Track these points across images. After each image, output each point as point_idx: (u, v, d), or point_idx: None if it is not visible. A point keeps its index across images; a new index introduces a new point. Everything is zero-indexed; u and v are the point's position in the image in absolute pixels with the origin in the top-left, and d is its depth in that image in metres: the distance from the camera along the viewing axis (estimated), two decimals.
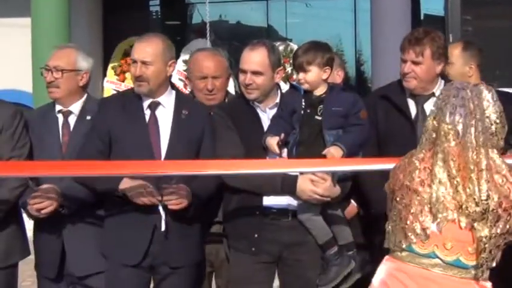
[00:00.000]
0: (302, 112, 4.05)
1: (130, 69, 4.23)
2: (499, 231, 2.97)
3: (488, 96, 3.07)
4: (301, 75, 4.08)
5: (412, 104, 4.18)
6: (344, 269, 4.10)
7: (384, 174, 3.38)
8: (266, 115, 4.18)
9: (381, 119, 4.20)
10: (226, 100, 4.70)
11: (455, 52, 4.79)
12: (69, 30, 10.80)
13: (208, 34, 10.29)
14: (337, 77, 4.92)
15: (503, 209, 2.96)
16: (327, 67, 4.10)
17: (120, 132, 4.12)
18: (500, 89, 5.09)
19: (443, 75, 4.25)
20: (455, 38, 9.06)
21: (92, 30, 12.68)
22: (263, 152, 4.06)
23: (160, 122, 4.14)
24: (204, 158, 4.08)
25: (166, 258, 4.09)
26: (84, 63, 4.39)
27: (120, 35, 12.87)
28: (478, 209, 2.95)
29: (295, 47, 11.40)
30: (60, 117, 4.33)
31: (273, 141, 3.97)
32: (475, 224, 2.96)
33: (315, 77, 4.08)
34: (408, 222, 3.06)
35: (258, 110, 4.20)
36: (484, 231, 2.96)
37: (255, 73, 4.13)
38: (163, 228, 4.02)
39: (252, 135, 4.11)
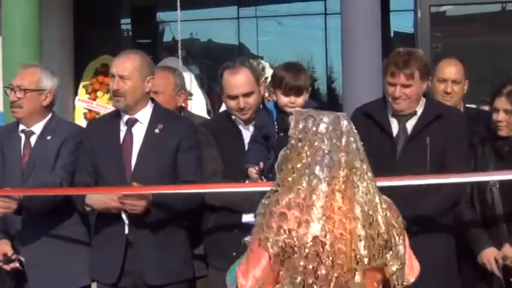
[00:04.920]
0: (276, 136, 4.05)
1: (109, 84, 4.21)
2: None
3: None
4: (294, 99, 4.08)
5: (394, 122, 4.17)
6: None
7: None
8: (247, 132, 4.19)
9: (363, 136, 4.19)
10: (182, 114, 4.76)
11: (459, 69, 4.82)
12: (40, 49, 10.74)
13: (180, 52, 10.27)
14: None
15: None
16: (310, 89, 4.15)
17: (98, 152, 4.15)
18: (467, 105, 5.14)
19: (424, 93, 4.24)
20: (425, 54, 9.12)
21: (63, 48, 12.62)
22: (242, 166, 4.04)
23: (135, 138, 4.13)
24: (181, 169, 4.08)
25: (143, 275, 4.04)
26: (48, 82, 4.35)
27: (91, 53, 12.81)
28: None
29: (266, 64, 11.45)
30: (23, 136, 4.31)
31: (252, 172, 3.97)
32: None
33: (304, 101, 4.11)
34: None
35: (240, 127, 4.22)
36: None
37: (247, 95, 4.14)
38: (127, 232, 4.00)
39: (233, 151, 4.14)
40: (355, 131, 2.90)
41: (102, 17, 13.15)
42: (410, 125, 4.14)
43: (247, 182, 4.06)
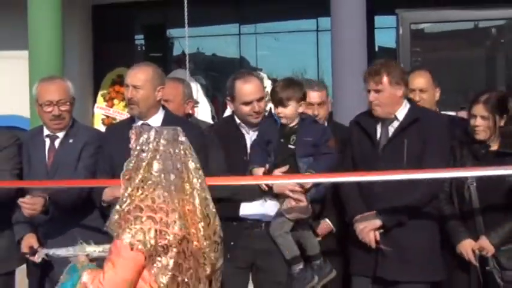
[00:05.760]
0: (277, 142, 4.05)
1: (124, 93, 4.19)
2: None
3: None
4: (281, 109, 4.07)
5: (379, 128, 4.18)
6: (306, 285, 4.06)
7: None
8: (249, 136, 4.19)
9: (355, 142, 4.23)
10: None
11: (427, 79, 4.80)
12: (62, 62, 10.72)
13: (187, 65, 10.25)
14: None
15: None
16: (302, 101, 4.10)
17: (115, 154, 4.09)
18: (443, 112, 5.13)
19: (410, 99, 4.23)
20: (406, 67, 9.11)
21: (83, 61, 12.64)
22: (244, 166, 4.07)
23: None
24: None
25: None
26: (73, 90, 4.38)
27: (108, 66, 12.82)
28: None
29: (264, 76, 11.43)
30: (48, 140, 4.28)
31: (259, 172, 3.98)
32: None
33: (292, 111, 4.09)
34: None
35: (243, 131, 4.21)
36: None
37: (259, 100, 4.17)
38: None
39: (236, 153, 4.14)
40: (188, 142, 2.94)
41: (118, 34, 13.14)
42: (392, 128, 4.15)
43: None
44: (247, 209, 4.11)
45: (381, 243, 3.99)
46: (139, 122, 4.12)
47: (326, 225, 4.50)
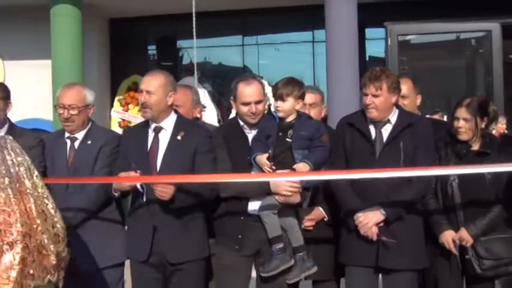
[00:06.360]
0: (275, 135, 4.05)
1: (139, 98, 4.19)
2: None
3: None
4: (279, 103, 4.08)
5: (372, 129, 4.15)
6: (283, 264, 4.04)
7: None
8: (251, 135, 4.17)
9: (348, 141, 4.18)
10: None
11: (409, 86, 4.75)
12: (82, 70, 10.75)
13: (195, 73, 10.26)
14: (322, 111, 4.92)
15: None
16: (300, 99, 4.11)
17: (131, 154, 4.13)
18: (427, 116, 5.14)
19: (397, 104, 4.23)
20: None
21: (101, 70, 12.66)
22: (248, 165, 4.05)
23: (160, 143, 4.11)
24: (198, 169, 4.04)
25: (166, 255, 4.02)
26: (91, 98, 4.34)
27: (124, 73, 12.87)
28: None
29: (265, 82, 11.43)
30: (68, 142, 4.30)
31: (263, 157, 3.97)
32: None
33: (290, 107, 4.08)
34: None
35: (246, 131, 4.19)
36: None
37: (257, 102, 4.15)
38: (145, 200, 4.01)
39: (240, 152, 4.11)
40: (18, 146, 2.91)
41: (133, 44, 13.17)
42: (385, 130, 4.12)
43: (253, 171, 4.05)
44: (254, 204, 4.11)
45: (381, 236, 3.97)
46: (153, 125, 4.15)
47: (319, 212, 4.48)
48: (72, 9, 10.63)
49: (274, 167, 3.96)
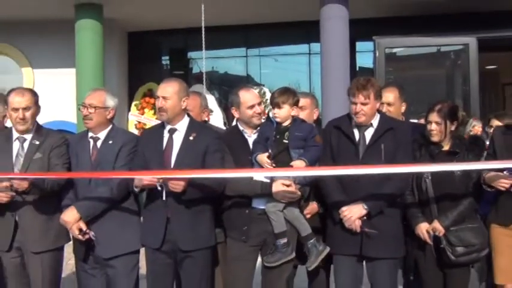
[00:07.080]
0: (273, 138, 4.08)
1: (155, 102, 4.18)
2: None
3: None
4: (276, 110, 4.12)
5: (356, 132, 4.13)
6: (285, 257, 4.07)
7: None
8: (251, 139, 4.18)
9: (334, 142, 4.17)
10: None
11: (395, 95, 4.72)
12: (103, 78, 10.82)
13: (204, 81, 10.30)
14: (314, 114, 4.87)
15: None
16: (295, 106, 4.15)
17: (147, 153, 4.13)
18: (414, 120, 5.11)
19: (379, 110, 4.22)
20: (381, 84, 9.11)
21: (120, 78, 12.70)
22: (249, 164, 4.06)
23: (174, 143, 4.10)
24: (208, 165, 4.03)
25: (178, 243, 4.02)
26: (111, 102, 4.32)
27: (140, 81, 12.92)
28: None
29: (267, 90, 11.49)
30: (91, 141, 4.30)
31: (263, 156, 3.99)
32: None
33: (286, 113, 4.12)
34: None
35: (246, 136, 4.20)
36: None
37: (259, 103, 4.20)
38: (164, 198, 3.98)
39: (241, 155, 4.11)
40: None
41: (148, 55, 13.20)
42: (368, 133, 4.11)
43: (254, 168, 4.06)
44: (258, 201, 4.11)
45: (364, 227, 3.97)
46: (168, 126, 4.15)
47: (314, 207, 4.48)
48: (95, 24, 10.72)
49: (274, 165, 3.98)
